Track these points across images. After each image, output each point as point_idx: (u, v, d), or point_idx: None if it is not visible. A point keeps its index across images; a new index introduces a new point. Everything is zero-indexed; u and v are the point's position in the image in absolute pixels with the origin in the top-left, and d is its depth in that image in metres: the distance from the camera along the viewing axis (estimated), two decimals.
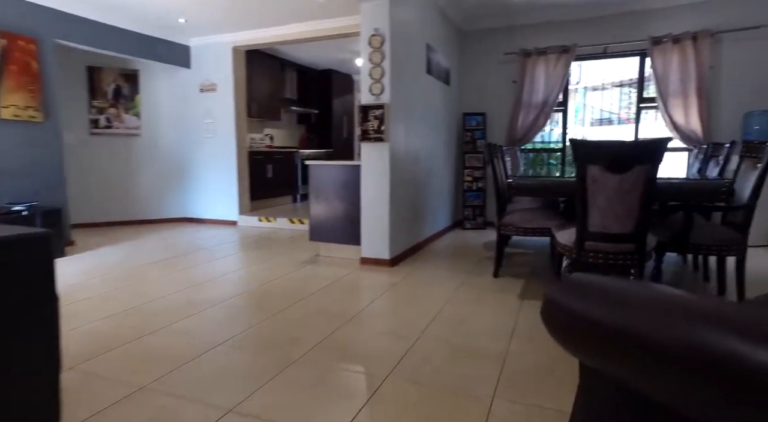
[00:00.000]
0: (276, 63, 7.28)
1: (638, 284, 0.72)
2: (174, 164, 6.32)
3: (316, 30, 5.32)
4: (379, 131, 3.66)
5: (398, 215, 3.93)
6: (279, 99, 7.39)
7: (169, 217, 6.38)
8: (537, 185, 2.83)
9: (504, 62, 5.59)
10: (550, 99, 5.29)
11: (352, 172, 3.92)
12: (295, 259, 4.10)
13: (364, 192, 3.82)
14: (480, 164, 5.66)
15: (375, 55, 3.63)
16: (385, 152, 3.69)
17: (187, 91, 6.19)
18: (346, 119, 8.88)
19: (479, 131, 5.65)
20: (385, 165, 3.71)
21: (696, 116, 4.76)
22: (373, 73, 3.65)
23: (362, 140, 3.73)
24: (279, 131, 7.97)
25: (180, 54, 6.01)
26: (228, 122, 5.99)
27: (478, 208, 5.68)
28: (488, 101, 5.73)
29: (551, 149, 5.75)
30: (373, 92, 3.67)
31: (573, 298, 0.74)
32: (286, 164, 7.26)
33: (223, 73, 5.94)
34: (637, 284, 0.73)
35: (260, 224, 5.95)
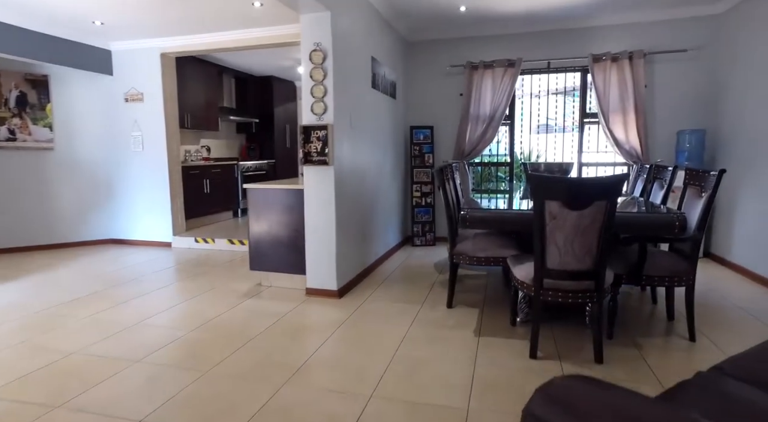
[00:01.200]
0: (212, 70, 6.81)
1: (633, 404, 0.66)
2: (98, 181, 5.71)
3: (255, 38, 4.96)
4: (322, 153, 3.40)
5: (346, 241, 3.69)
6: (216, 108, 6.92)
7: (93, 239, 5.76)
8: (492, 217, 2.69)
9: (451, 74, 5.49)
10: (498, 112, 5.24)
11: (295, 196, 3.63)
12: (234, 290, 3.76)
13: (308, 219, 3.54)
14: (428, 179, 5.53)
15: (316, 72, 3.36)
16: (330, 176, 3.44)
17: (110, 101, 5.61)
18: (289, 127, 8.51)
19: (427, 144, 5.51)
20: (329, 190, 3.45)
21: (635, 132, 4.87)
22: (314, 91, 3.39)
23: (304, 162, 3.45)
24: (217, 142, 7.47)
25: (99, 59, 5.43)
26: (158, 134, 5.48)
27: (428, 224, 5.54)
28: (436, 114, 5.61)
29: (499, 163, 5.72)
30: (315, 112, 3.41)
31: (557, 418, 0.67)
32: (225, 178, 6.81)
33: (150, 81, 5.43)
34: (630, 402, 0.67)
35: (197, 245, 5.50)
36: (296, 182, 3.94)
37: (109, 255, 5.16)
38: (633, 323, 2.95)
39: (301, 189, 3.58)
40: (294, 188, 3.62)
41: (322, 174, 3.45)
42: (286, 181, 4.13)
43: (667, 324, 2.95)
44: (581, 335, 2.78)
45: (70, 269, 4.55)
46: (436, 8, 4.62)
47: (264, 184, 3.75)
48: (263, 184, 3.75)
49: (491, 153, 5.74)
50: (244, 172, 7.20)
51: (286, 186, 3.65)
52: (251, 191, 3.77)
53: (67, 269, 4.55)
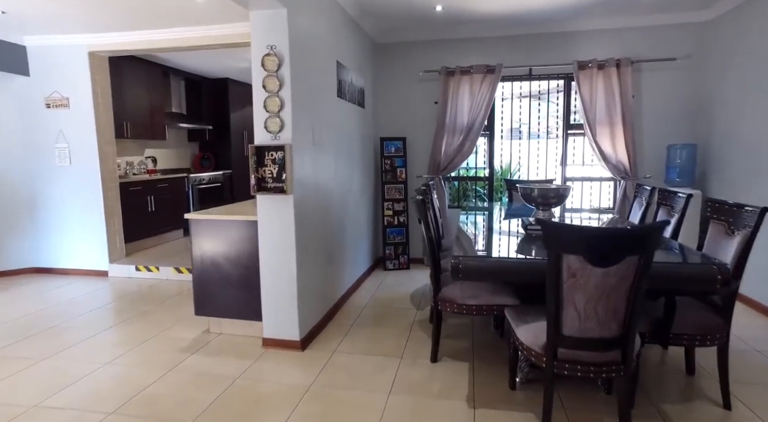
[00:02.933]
0: (156, 71, 6.05)
1: None
2: (16, 201, 4.89)
3: (199, 38, 4.30)
4: (278, 178, 2.82)
5: (309, 279, 3.12)
6: (162, 114, 6.17)
7: (12, 269, 4.94)
8: (493, 268, 2.18)
9: (424, 80, 4.99)
10: (476, 123, 4.78)
11: (247, 228, 3.03)
12: (177, 341, 3.12)
13: (264, 255, 2.95)
14: (401, 195, 5.01)
15: (270, 81, 2.77)
16: (288, 206, 2.86)
17: (26, 107, 4.80)
18: (247, 134, 7.81)
19: (399, 157, 5.00)
20: (288, 221, 2.87)
21: (623, 145, 4.51)
22: (268, 105, 2.80)
23: (257, 190, 2.86)
24: (165, 152, 6.71)
25: (10, 56, 4.63)
26: (88, 146, 4.72)
27: (401, 245, 5.03)
28: (408, 125, 5.10)
29: (477, 177, 5.27)
30: (270, 130, 2.82)
31: None
32: (174, 192, 6.08)
33: (77, 84, 4.66)
34: None
35: (138, 274, 4.78)
36: (249, 207, 3.34)
37: (28, 289, 4.38)
38: (651, 382, 2.52)
39: (254, 221, 2.98)
40: (245, 219, 3.02)
41: (279, 204, 2.87)
42: (237, 206, 3.51)
43: (688, 379, 2.54)
44: (595, 400, 2.32)
45: None
46: (409, 7, 4.10)
47: (208, 213, 3.12)
48: (207, 213, 3.13)
49: (468, 166, 5.29)
50: (197, 184, 6.49)
51: (235, 217, 3.04)
52: (194, 223, 3.14)
53: None
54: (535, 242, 2.64)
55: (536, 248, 2.50)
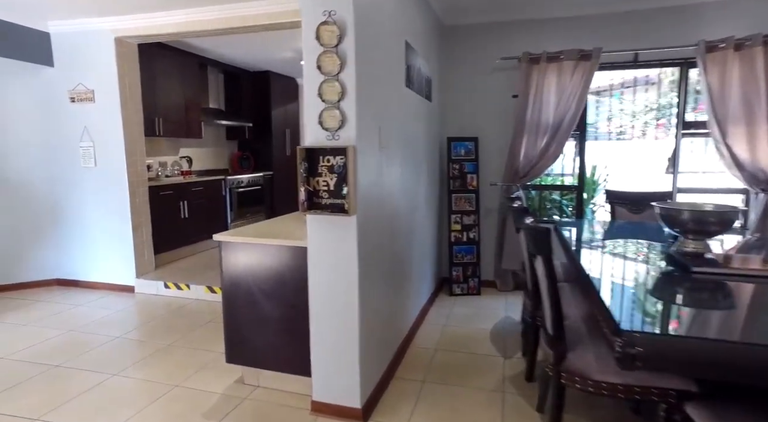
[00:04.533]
0: (192, 62, 5.48)
1: None
2: (38, 206, 4.40)
3: (244, 16, 3.64)
4: (337, 193, 2.07)
5: (373, 322, 2.36)
6: (199, 110, 5.60)
7: (34, 280, 4.45)
8: (705, 357, 1.33)
9: (501, 69, 4.15)
10: (565, 121, 3.90)
11: (294, 256, 2.31)
12: (202, 396, 2.44)
13: (315, 294, 2.22)
14: (471, 206, 4.19)
15: (328, 59, 2.03)
16: (350, 231, 2.11)
17: (50, 101, 4.29)
18: (290, 132, 7.18)
19: (470, 161, 4.17)
20: (349, 251, 2.12)
21: (766, 149, 3.52)
22: (325, 91, 2.05)
23: (308, 207, 2.12)
24: (201, 151, 6.15)
25: (35, 45, 4.11)
26: (115, 145, 4.16)
27: (470, 266, 4.20)
28: (481, 122, 4.27)
29: (564, 186, 4.38)
30: (327, 126, 2.08)
31: None
32: (210, 197, 5.49)
33: (103, 75, 4.11)
34: None
35: (167, 292, 4.18)
36: (296, 225, 2.62)
37: (45, 308, 3.85)
38: None
39: (302, 247, 2.25)
40: (291, 245, 2.29)
41: (337, 228, 2.12)
42: (280, 222, 2.80)
43: None
44: None
45: None
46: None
47: (243, 234, 2.42)
48: (241, 234, 2.42)
49: (552, 171, 4.41)
50: (235, 187, 5.89)
51: (277, 241, 2.31)
52: (226, 246, 2.45)
53: None
54: (715, 292, 1.77)
55: (722, 303, 1.64)
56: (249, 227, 2.62)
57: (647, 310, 1.66)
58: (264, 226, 2.68)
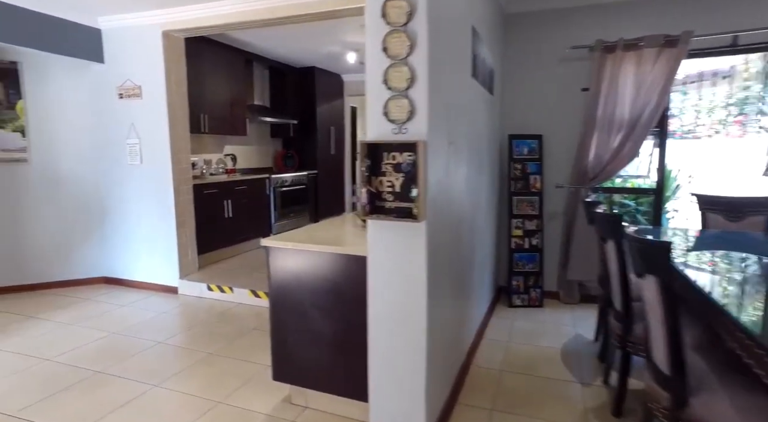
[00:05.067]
0: (238, 58, 5.36)
1: None
2: (86, 204, 4.36)
3: (289, 5, 3.43)
4: (404, 195, 1.79)
5: (438, 341, 2.06)
6: (244, 107, 5.48)
7: (81, 277, 4.43)
8: None
9: (569, 60, 3.76)
10: (644, 116, 3.47)
11: (350, 265, 2.05)
12: (250, 411, 2.23)
13: (376, 310, 1.95)
14: (534, 210, 3.82)
15: (396, 40, 1.75)
16: (419, 239, 1.82)
17: (99, 98, 4.24)
18: (334, 130, 6.99)
19: (533, 161, 3.81)
20: (417, 261, 1.84)
21: None
22: (392, 77, 1.78)
23: (370, 211, 1.85)
24: (245, 149, 6.04)
25: (86, 41, 4.06)
26: (160, 142, 4.06)
27: (532, 276, 3.84)
28: (545, 119, 3.89)
29: (639, 189, 3.94)
30: (392, 117, 1.80)
31: None
32: (254, 196, 5.35)
33: (150, 70, 4.01)
34: None
35: (210, 294, 4.04)
36: (350, 229, 2.37)
37: (91, 307, 3.77)
38: None
39: (361, 256, 1.98)
40: (348, 253, 2.03)
41: (403, 235, 1.84)
42: (333, 226, 2.55)
43: None
44: None
45: (26, 331, 3.16)
46: None
47: (293, 239, 2.18)
48: (291, 239, 2.18)
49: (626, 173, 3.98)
50: (279, 187, 5.73)
51: (332, 248, 2.06)
52: (274, 252, 2.21)
53: (23, 331, 3.16)
54: None
55: None
56: (299, 232, 2.38)
57: None
58: (315, 230, 2.44)
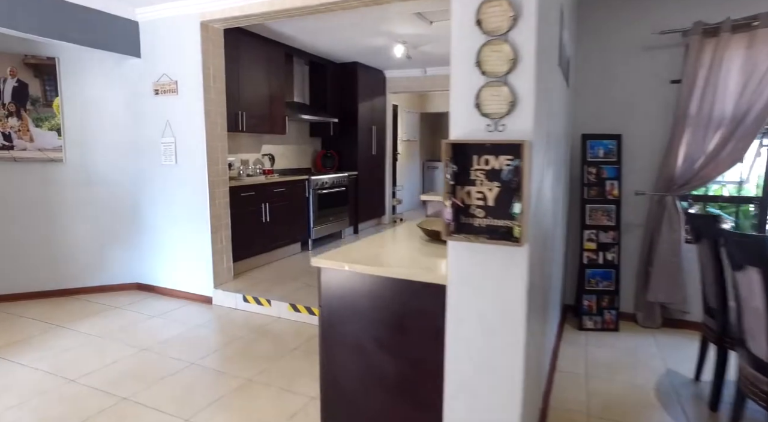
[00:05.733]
0: (278, 52, 5.06)
1: None
2: (121, 206, 4.15)
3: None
4: (500, 211, 1.39)
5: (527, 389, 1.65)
6: (283, 104, 5.18)
7: (115, 283, 4.22)
8: None
9: (655, 48, 3.26)
10: (754, 112, 2.95)
11: (423, 294, 1.66)
12: None
13: (456, 351, 1.56)
14: (611, 220, 3.34)
15: (494, 9, 1.36)
16: (519, 266, 1.42)
17: (136, 94, 4.01)
18: (376, 129, 6.63)
19: (610, 165, 3.33)
20: (514, 295, 1.44)
21: None
22: (487, 58, 1.38)
23: (455, 231, 1.45)
24: (284, 149, 5.76)
25: (124, 35, 3.83)
26: (196, 141, 3.79)
27: (607, 295, 3.36)
28: (624, 116, 3.40)
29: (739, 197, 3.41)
30: (487, 111, 1.40)
31: None
32: (293, 199, 5.04)
33: (187, 64, 3.74)
34: None
35: (246, 306, 3.74)
36: (418, 246, 1.98)
37: (123, 317, 3.53)
38: None
39: (437, 285, 1.59)
40: (421, 280, 1.64)
41: (499, 262, 1.44)
42: (385, 241, 2.17)
43: None
44: None
45: (51, 343, 2.92)
46: None
47: (352, 262, 1.80)
48: (349, 261, 1.81)
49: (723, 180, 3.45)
50: (318, 189, 5.41)
51: (400, 273, 1.67)
52: (327, 275, 1.85)
53: (47, 343, 2.92)
54: None
55: None
56: (354, 248, 2.01)
57: None
58: (372, 246, 2.06)
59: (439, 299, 1.58)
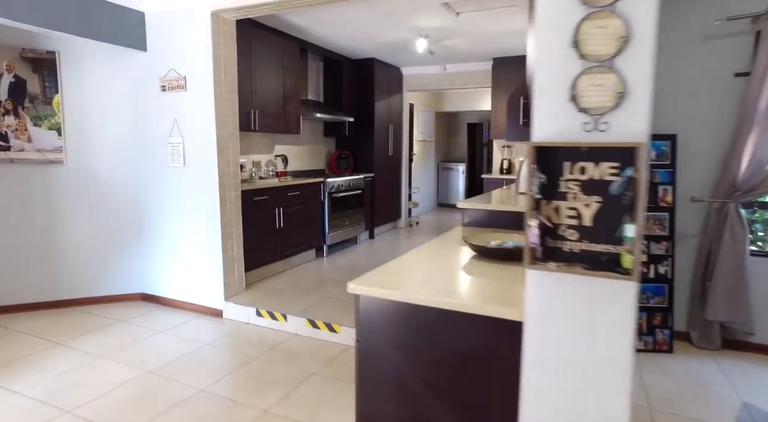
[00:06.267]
0: (293, 47, 4.77)
1: None
2: (123, 212, 3.87)
3: None
4: (601, 233, 1.08)
5: None
6: (298, 102, 4.88)
7: (117, 293, 3.94)
8: None
9: (717, 37, 2.93)
10: None
11: (491, 331, 1.34)
12: None
13: (536, 403, 1.24)
14: (663, 230, 3.01)
15: None
16: (626, 310, 1.10)
17: (141, 91, 3.73)
18: (392, 129, 6.32)
19: (663, 169, 3.00)
20: (620, 336, 1.12)
21: None
22: (586, 37, 1.07)
23: (541, 257, 1.14)
24: (297, 149, 5.46)
25: (130, 27, 3.55)
26: (206, 141, 3.50)
27: (659, 313, 3.03)
28: (680, 114, 3.06)
29: None
30: (585, 105, 1.09)
31: None
32: (307, 202, 4.75)
33: (196, 58, 3.45)
34: None
35: (259, 320, 3.44)
36: (457, 261, 1.66)
37: (128, 332, 3.25)
38: None
39: (510, 321, 1.27)
40: (489, 315, 1.32)
41: (599, 299, 1.12)
42: (429, 257, 1.85)
43: None
44: None
45: (47, 370, 2.64)
46: None
47: (395, 289, 1.49)
48: (391, 288, 1.50)
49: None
50: (333, 192, 5.11)
51: (461, 306, 1.35)
52: (367, 304, 1.54)
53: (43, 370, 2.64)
54: None
55: None
56: (394, 268, 1.70)
57: None
58: (415, 264, 1.75)
59: (514, 338, 1.26)
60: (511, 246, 1.81)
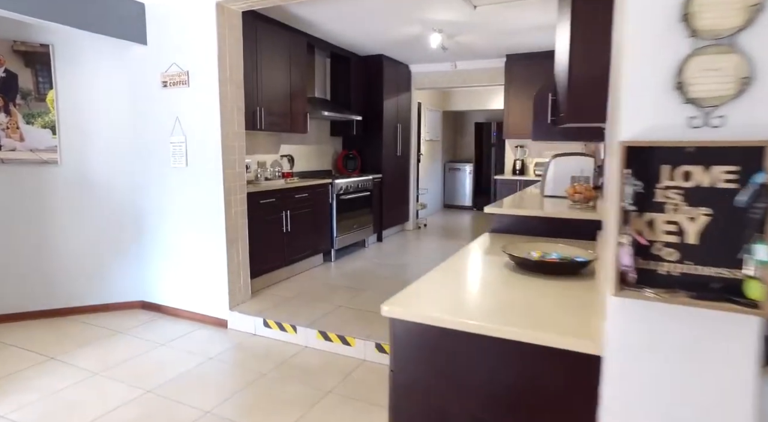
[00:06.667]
0: (300, 43, 4.56)
1: None
2: (121, 213, 3.66)
3: None
4: (713, 254, 0.87)
5: None
6: (305, 100, 4.68)
7: (116, 301, 3.73)
8: None
9: None
10: None
11: (558, 365, 1.13)
12: None
13: None
14: None
15: None
16: (746, 341, 0.90)
17: (141, 86, 3.52)
18: (401, 128, 6.12)
19: None
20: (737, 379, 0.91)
21: None
22: (701, 9, 0.85)
23: (621, 287, 0.93)
24: (304, 149, 5.25)
25: (128, 18, 3.33)
26: (210, 140, 3.29)
27: None
28: None
29: None
30: (695, 94, 0.88)
31: None
32: (315, 204, 4.54)
33: (199, 52, 3.24)
34: None
35: (267, 331, 3.23)
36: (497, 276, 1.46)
37: (126, 345, 3.04)
38: None
39: (588, 355, 1.06)
40: (562, 347, 1.11)
41: (707, 334, 0.92)
42: (465, 271, 1.64)
43: None
44: None
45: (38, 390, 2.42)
46: None
47: (435, 312, 1.28)
48: (431, 312, 1.29)
49: None
50: (340, 193, 4.90)
51: (522, 335, 1.14)
52: (404, 329, 1.32)
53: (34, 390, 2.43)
54: None
55: None
56: (427, 287, 1.48)
57: None
58: (450, 280, 1.54)
59: (590, 375, 1.06)
60: (560, 259, 1.60)
